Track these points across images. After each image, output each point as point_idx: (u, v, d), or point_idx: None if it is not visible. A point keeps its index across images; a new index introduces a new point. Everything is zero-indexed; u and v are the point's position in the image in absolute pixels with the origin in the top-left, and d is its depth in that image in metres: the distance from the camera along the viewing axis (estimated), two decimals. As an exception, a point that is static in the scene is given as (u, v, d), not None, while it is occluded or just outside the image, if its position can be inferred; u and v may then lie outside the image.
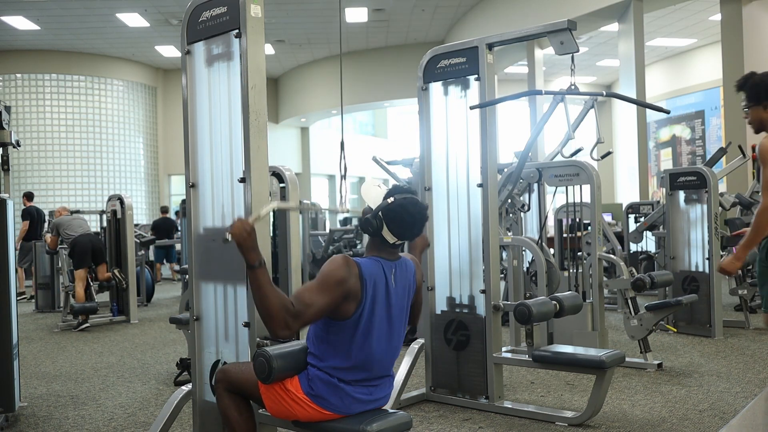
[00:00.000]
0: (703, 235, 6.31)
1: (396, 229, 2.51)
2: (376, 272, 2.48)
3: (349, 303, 2.42)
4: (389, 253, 2.57)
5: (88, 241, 7.99)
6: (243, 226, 2.39)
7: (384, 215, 2.51)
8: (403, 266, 2.59)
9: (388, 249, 2.56)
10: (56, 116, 16.56)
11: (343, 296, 2.40)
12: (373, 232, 2.52)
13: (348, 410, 2.46)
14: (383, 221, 2.51)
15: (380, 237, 2.53)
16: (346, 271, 2.40)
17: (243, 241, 2.38)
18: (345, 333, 2.45)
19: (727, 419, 3.78)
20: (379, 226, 2.51)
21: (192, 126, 3.11)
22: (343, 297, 2.40)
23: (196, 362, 3.11)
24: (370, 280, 2.45)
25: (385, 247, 2.55)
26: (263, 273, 2.37)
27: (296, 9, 13.89)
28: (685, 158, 17.25)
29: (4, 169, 4.88)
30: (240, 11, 2.81)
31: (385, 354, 2.52)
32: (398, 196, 2.54)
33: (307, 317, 2.36)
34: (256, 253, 2.39)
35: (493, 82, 4.17)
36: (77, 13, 13.76)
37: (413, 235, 2.58)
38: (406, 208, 2.51)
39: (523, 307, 3.73)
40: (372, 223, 2.52)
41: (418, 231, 2.57)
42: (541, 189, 6.02)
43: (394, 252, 2.59)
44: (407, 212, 2.51)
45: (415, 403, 4.24)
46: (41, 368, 5.64)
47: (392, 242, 2.53)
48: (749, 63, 10.90)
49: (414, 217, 2.52)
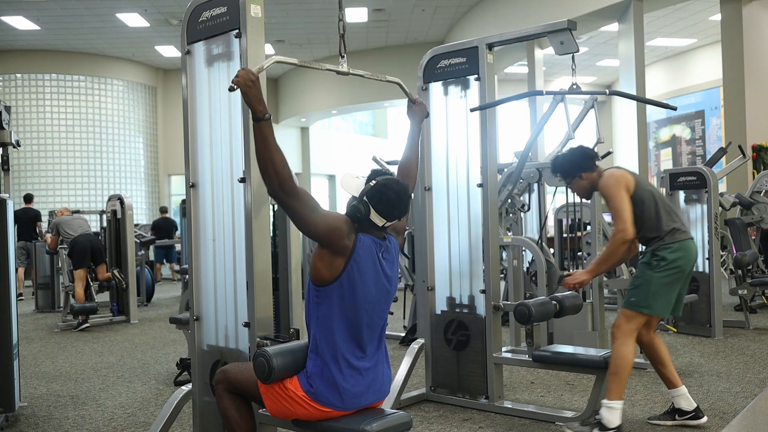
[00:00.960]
0: (703, 235, 6.31)
1: (383, 209, 2.53)
2: (369, 246, 2.52)
3: (334, 258, 2.45)
4: (377, 234, 2.60)
5: (87, 241, 7.99)
6: (247, 75, 2.40)
7: (369, 198, 2.53)
8: (390, 245, 2.63)
9: (376, 232, 2.59)
10: (56, 116, 16.55)
11: (327, 239, 2.44)
12: (362, 217, 2.54)
13: (347, 406, 2.47)
14: (369, 204, 2.53)
15: (369, 222, 2.55)
16: (345, 228, 2.47)
17: (248, 89, 2.39)
18: (332, 300, 2.46)
19: (727, 419, 3.78)
20: (367, 211, 2.53)
21: (192, 126, 3.11)
22: (327, 240, 2.44)
23: (196, 362, 3.11)
24: (362, 249, 2.48)
25: (373, 231, 2.58)
26: (268, 126, 2.40)
27: (296, 9, 13.89)
28: (685, 158, 17.26)
29: (4, 169, 4.88)
30: (240, 11, 2.82)
31: (372, 319, 2.53)
32: (379, 178, 2.59)
33: (298, 201, 2.41)
34: (262, 105, 2.40)
35: (493, 82, 4.17)
36: (77, 13, 13.76)
37: (400, 213, 2.59)
38: (389, 186, 2.55)
39: (523, 307, 3.73)
40: (359, 208, 2.53)
41: (404, 208, 2.60)
42: (541, 189, 6.02)
43: (382, 233, 2.61)
44: (392, 190, 2.54)
45: (415, 403, 4.25)
46: (41, 368, 5.64)
47: (381, 224, 2.55)
48: (749, 63, 10.91)
49: (399, 194, 2.55)
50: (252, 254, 2.81)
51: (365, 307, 2.50)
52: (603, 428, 3.40)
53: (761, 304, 7.57)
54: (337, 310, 2.46)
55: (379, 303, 2.56)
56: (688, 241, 3.58)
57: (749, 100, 10.86)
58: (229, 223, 2.95)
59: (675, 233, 3.53)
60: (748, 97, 10.85)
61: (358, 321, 2.49)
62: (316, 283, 2.49)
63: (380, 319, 2.58)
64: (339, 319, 2.47)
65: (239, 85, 2.39)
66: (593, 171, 3.66)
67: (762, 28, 11.15)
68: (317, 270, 2.47)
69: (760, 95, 11.04)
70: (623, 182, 3.48)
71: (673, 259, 3.49)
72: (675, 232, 3.53)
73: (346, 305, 2.47)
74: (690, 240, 3.60)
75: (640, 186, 3.53)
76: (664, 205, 3.58)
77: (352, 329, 2.48)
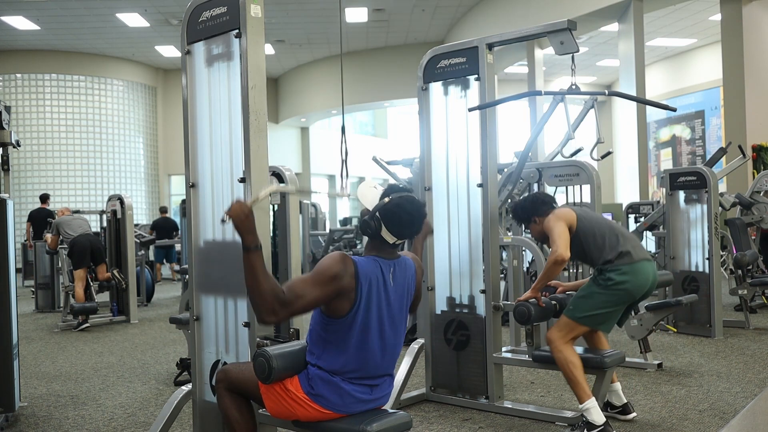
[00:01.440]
0: (703, 235, 6.30)
1: (395, 229, 2.49)
2: (373, 272, 2.46)
3: (342, 301, 2.41)
4: (388, 252, 2.55)
5: (87, 241, 7.99)
6: (241, 208, 2.39)
7: (381, 216, 2.48)
8: (402, 265, 2.58)
9: (387, 249, 2.54)
10: (56, 116, 16.56)
11: (335, 292, 2.39)
12: (372, 233, 2.50)
13: (348, 409, 2.46)
14: (381, 222, 2.48)
15: (379, 238, 2.51)
16: (341, 268, 2.39)
17: (240, 223, 2.38)
18: (343, 332, 2.44)
19: (727, 419, 3.78)
20: (378, 227, 2.49)
21: (192, 126, 3.11)
22: (335, 293, 2.39)
23: (196, 362, 3.11)
24: (365, 280, 2.43)
25: (384, 247, 2.53)
26: (258, 257, 2.35)
27: (296, 9, 13.89)
28: (685, 158, 17.26)
29: (4, 169, 4.89)
30: (240, 11, 2.81)
31: (384, 353, 2.51)
32: (394, 195, 2.52)
33: (296, 308, 2.35)
34: (253, 235, 2.37)
35: (493, 82, 4.17)
36: (77, 13, 13.76)
37: (412, 234, 2.56)
38: (403, 207, 2.49)
39: (523, 307, 3.73)
40: (370, 224, 2.50)
41: (417, 229, 2.55)
42: (541, 189, 6.01)
43: (394, 251, 2.57)
44: (405, 211, 2.49)
45: (415, 403, 4.24)
46: (41, 368, 5.64)
47: (392, 242, 2.51)
48: (749, 63, 10.91)
49: (412, 216, 2.50)
50: (252, 254, 2.80)
51: (376, 330, 2.47)
52: (591, 426, 3.45)
53: (761, 304, 7.57)
54: (347, 337, 2.44)
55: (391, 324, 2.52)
56: (640, 264, 3.64)
57: (749, 100, 10.87)
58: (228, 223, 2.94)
59: (624, 256, 3.63)
60: (748, 97, 10.86)
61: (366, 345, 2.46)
62: (327, 315, 2.45)
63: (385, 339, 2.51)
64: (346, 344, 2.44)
65: (233, 218, 2.38)
66: (546, 216, 3.79)
67: (762, 28, 11.15)
68: (329, 309, 2.43)
69: (760, 95, 11.04)
70: (563, 218, 3.70)
71: (619, 281, 3.60)
72: (624, 255, 3.63)
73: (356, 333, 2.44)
74: (643, 262, 3.67)
75: (583, 220, 3.73)
76: (613, 233, 3.72)
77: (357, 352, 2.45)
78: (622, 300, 3.65)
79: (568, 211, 3.76)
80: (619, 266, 3.61)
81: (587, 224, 3.73)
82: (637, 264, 3.64)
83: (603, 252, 3.66)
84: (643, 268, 3.65)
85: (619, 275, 3.60)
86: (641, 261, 3.67)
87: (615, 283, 3.60)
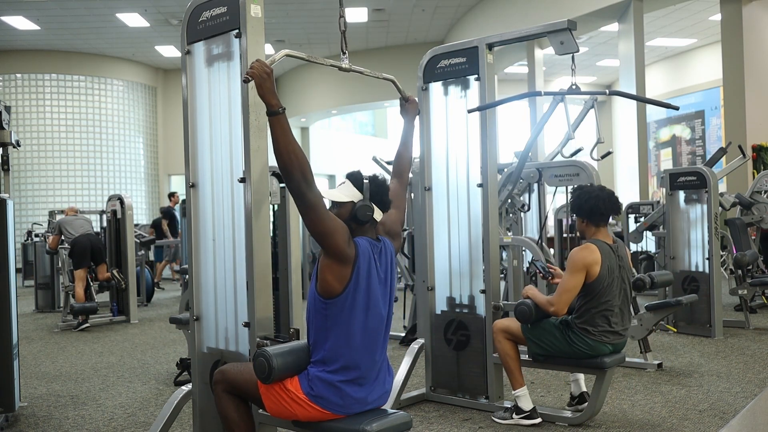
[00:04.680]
0: (703, 235, 6.31)
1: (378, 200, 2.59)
2: (367, 249, 2.52)
3: (342, 266, 2.43)
4: (373, 233, 2.61)
5: (87, 241, 7.99)
6: (262, 66, 2.38)
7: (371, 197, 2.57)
8: (385, 247, 2.64)
9: (372, 230, 2.60)
10: (56, 116, 16.55)
11: (337, 242, 2.41)
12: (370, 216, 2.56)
13: (348, 410, 2.46)
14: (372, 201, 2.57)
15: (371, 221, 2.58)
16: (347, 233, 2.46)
17: (263, 81, 2.37)
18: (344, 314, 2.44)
19: (727, 419, 3.78)
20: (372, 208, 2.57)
21: (192, 126, 3.11)
22: (337, 244, 2.40)
23: (196, 362, 3.11)
24: (362, 254, 2.48)
25: (370, 228, 2.59)
26: (286, 118, 2.38)
27: (296, 9, 13.88)
28: (685, 158, 17.25)
29: (4, 169, 4.89)
30: (240, 11, 2.81)
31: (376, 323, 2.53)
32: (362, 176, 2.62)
33: (314, 194, 2.38)
34: (276, 97, 2.37)
35: (493, 82, 4.17)
36: (77, 13, 13.76)
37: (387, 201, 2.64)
38: (377, 179, 2.62)
39: (523, 307, 3.73)
40: (369, 206, 2.56)
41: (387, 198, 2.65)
42: (541, 189, 6.02)
43: (375, 234, 2.63)
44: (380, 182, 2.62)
45: (415, 403, 4.25)
46: (41, 368, 5.64)
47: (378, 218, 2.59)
48: (749, 63, 10.91)
49: (384, 183, 2.63)
50: (252, 254, 2.80)
51: (373, 312, 2.49)
52: (519, 411, 3.76)
53: (761, 304, 7.57)
54: (346, 319, 2.45)
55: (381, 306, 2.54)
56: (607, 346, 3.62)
57: (749, 100, 10.87)
58: (229, 223, 2.95)
59: (605, 335, 3.60)
60: (748, 97, 10.85)
61: (365, 328, 2.48)
62: (325, 296, 2.46)
63: (381, 323, 2.56)
64: (347, 328, 2.45)
65: (254, 76, 2.37)
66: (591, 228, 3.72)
67: (762, 28, 11.14)
68: (326, 282, 2.44)
69: (760, 95, 11.04)
70: (587, 265, 3.57)
71: (579, 346, 3.61)
72: (606, 333, 3.61)
73: (356, 313, 2.45)
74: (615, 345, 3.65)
75: (604, 278, 3.58)
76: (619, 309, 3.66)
77: (359, 337, 2.47)
78: (568, 353, 3.67)
79: (597, 259, 3.57)
80: (590, 337, 3.59)
81: (605, 285, 3.59)
82: (605, 346, 3.61)
83: (595, 318, 3.60)
84: (606, 349, 3.62)
85: (583, 343, 3.60)
86: (613, 344, 3.63)
87: (576, 344, 3.62)
